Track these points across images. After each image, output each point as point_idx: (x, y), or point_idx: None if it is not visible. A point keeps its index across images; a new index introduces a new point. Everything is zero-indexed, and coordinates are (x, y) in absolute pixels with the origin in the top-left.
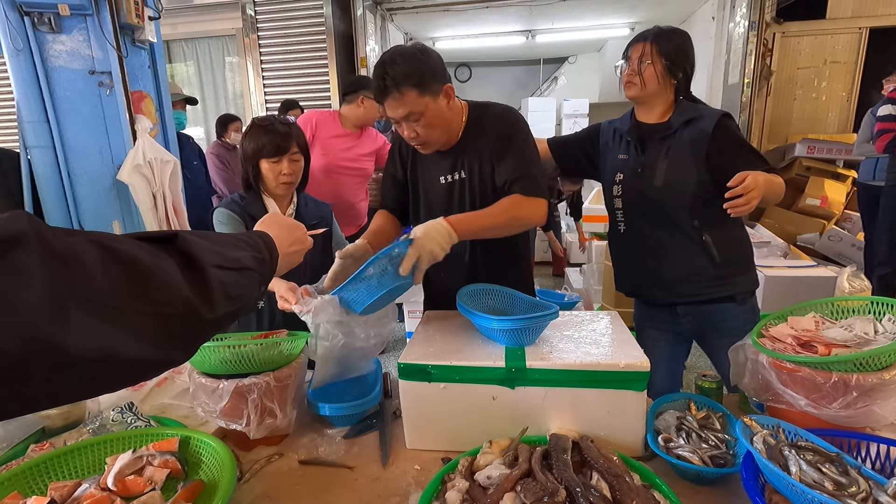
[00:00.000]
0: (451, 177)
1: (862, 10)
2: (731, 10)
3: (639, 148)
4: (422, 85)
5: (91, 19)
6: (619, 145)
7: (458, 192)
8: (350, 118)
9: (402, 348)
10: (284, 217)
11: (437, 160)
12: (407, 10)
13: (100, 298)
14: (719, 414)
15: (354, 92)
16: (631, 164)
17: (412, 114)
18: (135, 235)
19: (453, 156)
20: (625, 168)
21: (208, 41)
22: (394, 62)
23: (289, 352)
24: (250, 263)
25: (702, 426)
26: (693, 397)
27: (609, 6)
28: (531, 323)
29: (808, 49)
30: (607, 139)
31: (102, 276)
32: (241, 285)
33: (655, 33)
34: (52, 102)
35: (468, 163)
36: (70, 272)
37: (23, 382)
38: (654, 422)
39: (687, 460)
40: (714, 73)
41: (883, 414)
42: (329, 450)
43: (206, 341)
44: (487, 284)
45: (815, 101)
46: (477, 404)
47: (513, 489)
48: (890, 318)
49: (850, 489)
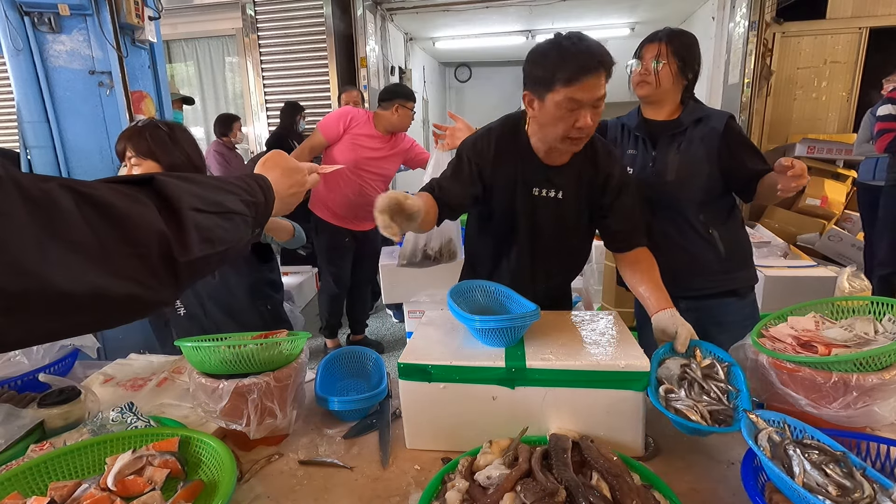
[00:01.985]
0: (547, 192)
1: (862, 10)
2: (731, 10)
3: (649, 143)
4: (609, 70)
5: (91, 19)
6: (628, 141)
7: (546, 207)
8: (383, 122)
9: (402, 348)
10: (286, 158)
11: (539, 171)
12: (407, 10)
13: (79, 239)
14: (725, 364)
15: (389, 100)
16: (641, 159)
17: (602, 98)
18: (110, 180)
19: (558, 172)
20: (634, 163)
21: (208, 41)
22: (593, 40)
23: (289, 352)
24: (237, 207)
25: (705, 376)
26: (700, 344)
27: (609, 6)
28: (511, 323)
29: (808, 49)
30: (615, 135)
31: (79, 219)
32: (222, 228)
33: (668, 34)
34: (52, 102)
35: (566, 184)
36: (48, 215)
37: (24, 313)
38: (657, 370)
39: (685, 415)
40: (714, 73)
41: (883, 414)
42: (329, 450)
43: (193, 281)
44: (482, 281)
45: (815, 101)
46: (477, 404)
47: (513, 489)
48: (890, 318)
49: (854, 494)
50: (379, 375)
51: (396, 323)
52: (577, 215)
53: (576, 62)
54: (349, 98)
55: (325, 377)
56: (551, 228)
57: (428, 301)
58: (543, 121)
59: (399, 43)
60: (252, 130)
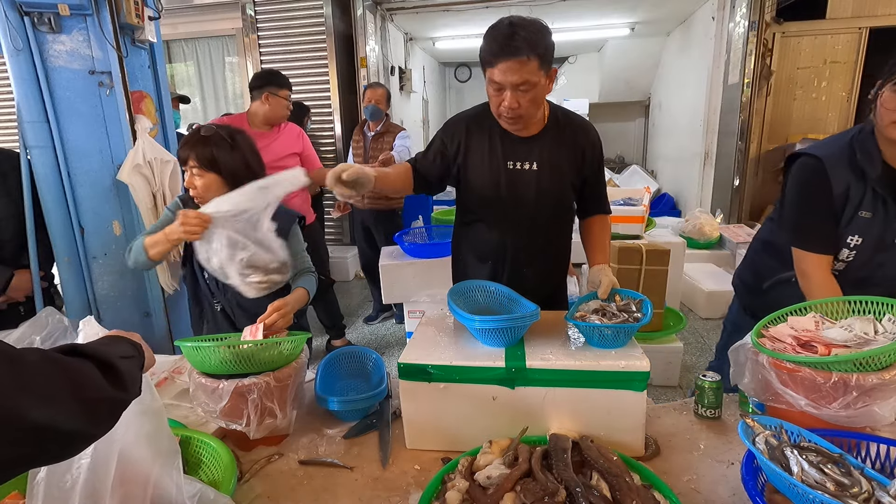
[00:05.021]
0: (522, 165)
1: (862, 10)
2: (731, 10)
3: (892, 204)
4: (544, 59)
5: (91, 19)
6: (859, 195)
7: (525, 180)
8: (258, 116)
9: (402, 348)
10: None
11: (510, 145)
12: (407, 10)
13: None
14: (638, 300)
15: (259, 87)
16: (879, 227)
17: (526, 83)
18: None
19: (528, 144)
20: (866, 232)
21: (208, 41)
22: (524, 27)
23: (289, 352)
24: (131, 351)
25: (620, 310)
26: (620, 291)
27: (609, 6)
28: (511, 323)
29: (808, 49)
30: (843, 181)
31: (42, 373)
32: (136, 368)
33: None
34: (52, 102)
35: (541, 154)
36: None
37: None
38: (577, 307)
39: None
40: (714, 73)
41: (883, 414)
42: (329, 450)
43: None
44: (482, 281)
45: (815, 101)
46: (477, 404)
47: (513, 489)
48: (890, 318)
49: (852, 490)
50: (379, 375)
51: (396, 322)
52: (558, 186)
53: (491, 46)
54: (373, 95)
55: (325, 377)
56: (532, 200)
57: (428, 301)
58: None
59: (399, 43)
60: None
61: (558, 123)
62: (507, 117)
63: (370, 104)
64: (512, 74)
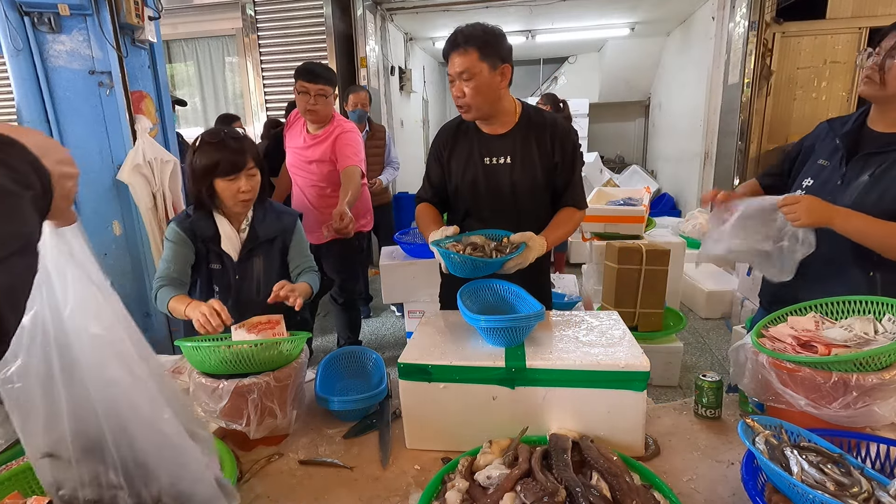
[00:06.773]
0: (497, 160)
1: (862, 10)
2: (731, 10)
3: (843, 158)
4: (484, 50)
5: (91, 19)
6: (826, 147)
7: (501, 173)
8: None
9: (401, 348)
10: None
11: (485, 143)
12: (407, 10)
13: None
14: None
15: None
16: (827, 173)
17: (467, 72)
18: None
19: (502, 140)
20: (817, 176)
21: (208, 41)
22: (471, 26)
23: (289, 352)
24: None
25: (495, 249)
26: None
27: (609, 6)
28: (516, 322)
29: (808, 49)
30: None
31: None
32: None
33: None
34: (52, 102)
35: (513, 148)
36: None
37: None
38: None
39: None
40: (714, 73)
41: (883, 414)
42: (329, 450)
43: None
44: (490, 280)
45: (815, 101)
46: (477, 404)
47: (513, 489)
48: (890, 318)
49: (852, 489)
50: (379, 375)
51: (396, 322)
52: (531, 177)
53: (445, 47)
54: (357, 99)
55: (325, 377)
56: (508, 191)
57: (428, 301)
58: None
59: (399, 43)
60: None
61: (530, 120)
62: (458, 107)
63: (357, 108)
64: (455, 66)
